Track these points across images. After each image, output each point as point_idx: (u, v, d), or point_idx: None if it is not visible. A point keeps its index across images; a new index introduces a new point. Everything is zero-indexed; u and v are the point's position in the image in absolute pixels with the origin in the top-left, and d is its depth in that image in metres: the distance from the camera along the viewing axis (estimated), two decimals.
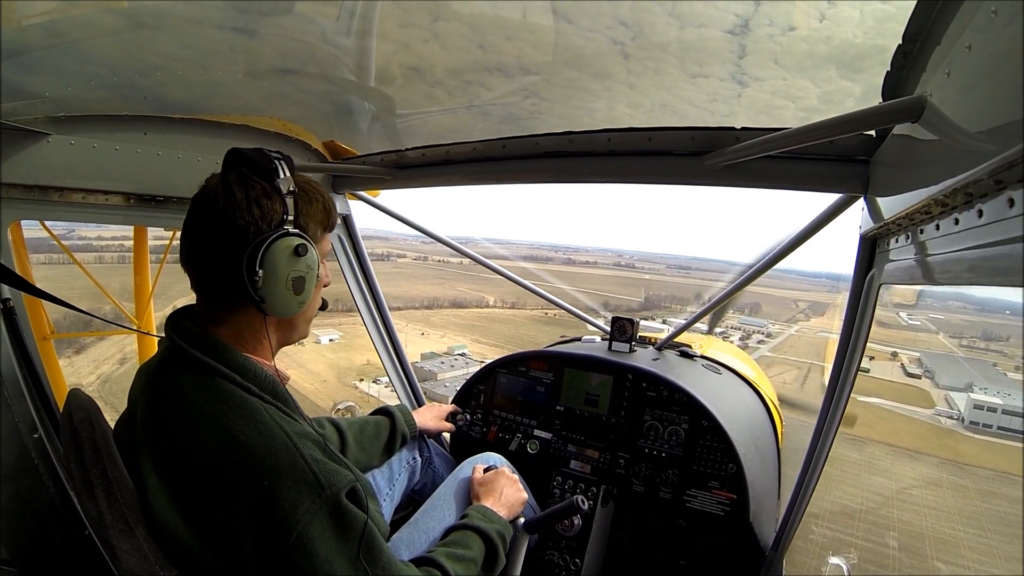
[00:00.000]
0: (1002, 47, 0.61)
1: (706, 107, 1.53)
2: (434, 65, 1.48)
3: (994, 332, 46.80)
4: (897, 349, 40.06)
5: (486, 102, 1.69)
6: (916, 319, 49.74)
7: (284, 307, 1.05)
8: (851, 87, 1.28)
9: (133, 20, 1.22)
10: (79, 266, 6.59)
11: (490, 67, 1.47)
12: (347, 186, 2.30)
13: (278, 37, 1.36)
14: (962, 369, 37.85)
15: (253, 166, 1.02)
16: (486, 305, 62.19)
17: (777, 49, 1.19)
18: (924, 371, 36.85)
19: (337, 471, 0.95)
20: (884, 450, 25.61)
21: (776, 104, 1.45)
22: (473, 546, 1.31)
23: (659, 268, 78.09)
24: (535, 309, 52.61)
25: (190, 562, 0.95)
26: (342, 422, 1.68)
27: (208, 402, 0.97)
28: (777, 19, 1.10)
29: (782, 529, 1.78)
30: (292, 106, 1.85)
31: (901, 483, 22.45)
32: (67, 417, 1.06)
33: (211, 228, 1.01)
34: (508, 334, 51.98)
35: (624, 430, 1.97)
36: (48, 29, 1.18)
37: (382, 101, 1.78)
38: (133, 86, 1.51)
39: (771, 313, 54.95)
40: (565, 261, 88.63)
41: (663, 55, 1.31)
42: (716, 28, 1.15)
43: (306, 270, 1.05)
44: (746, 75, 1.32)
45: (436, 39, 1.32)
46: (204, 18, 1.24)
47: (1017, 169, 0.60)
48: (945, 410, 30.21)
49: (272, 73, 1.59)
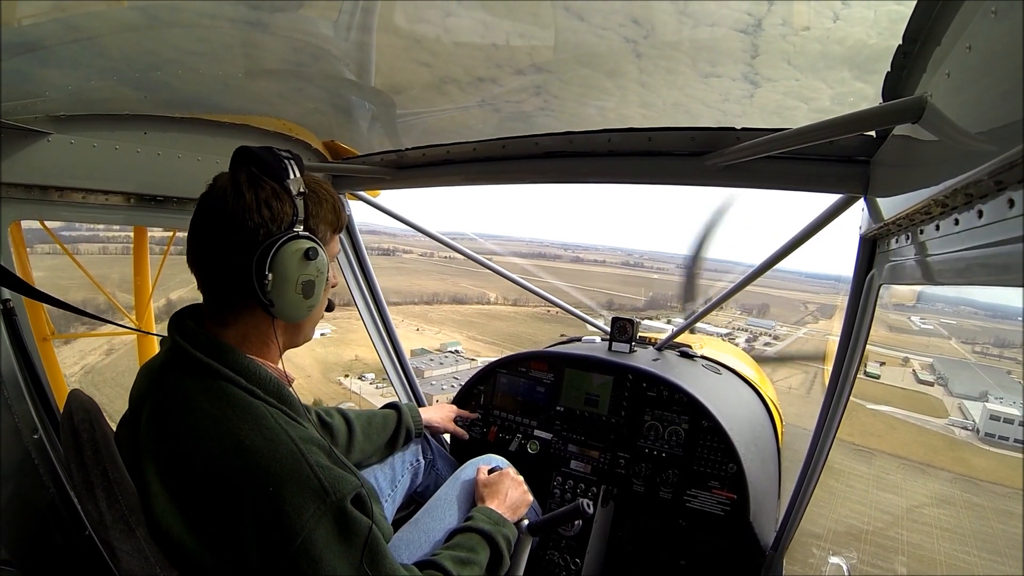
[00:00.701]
0: (1002, 47, 0.61)
1: (718, 107, 1.51)
2: (439, 64, 1.47)
3: (1007, 338, 45.12)
4: (910, 355, 38.61)
5: (495, 96, 1.67)
6: (928, 323, 48.05)
7: (294, 311, 1.03)
8: (865, 89, 1.26)
9: (133, 20, 1.22)
10: (79, 267, 6.58)
11: (501, 63, 1.44)
12: (347, 186, 2.30)
13: (278, 36, 1.36)
14: (976, 377, 36.22)
15: (263, 166, 1.00)
16: (487, 302, 61.28)
17: (790, 49, 1.18)
18: (937, 378, 34.96)
19: (343, 477, 0.95)
20: (894, 463, 24.22)
21: (788, 105, 1.43)
22: (478, 549, 1.29)
23: (668, 268, 77.71)
24: (537, 306, 51.85)
25: (191, 565, 0.94)
26: (351, 413, 1.69)
27: (212, 405, 0.96)
28: (790, 19, 1.09)
29: (782, 529, 1.79)
30: (292, 106, 1.85)
31: (912, 500, 21.05)
32: (67, 418, 1.05)
33: (219, 229, 0.99)
34: (506, 332, 51.29)
35: (624, 430, 1.97)
36: (48, 29, 1.18)
37: (382, 101, 1.78)
38: (133, 85, 1.51)
39: (779, 315, 53.65)
40: (573, 259, 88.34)
41: (675, 54, 1.29)
42: (728, 27, 1.14)
43: (316, 274, 1.03)
44: (758, 75, 1.30)
45: (447, 34, 1.31)
46: (204, 18, 1.24)
47: (1017, 170, 0.60)
48: (959, 420, 28.55)
49: (272, 72, 1.59)
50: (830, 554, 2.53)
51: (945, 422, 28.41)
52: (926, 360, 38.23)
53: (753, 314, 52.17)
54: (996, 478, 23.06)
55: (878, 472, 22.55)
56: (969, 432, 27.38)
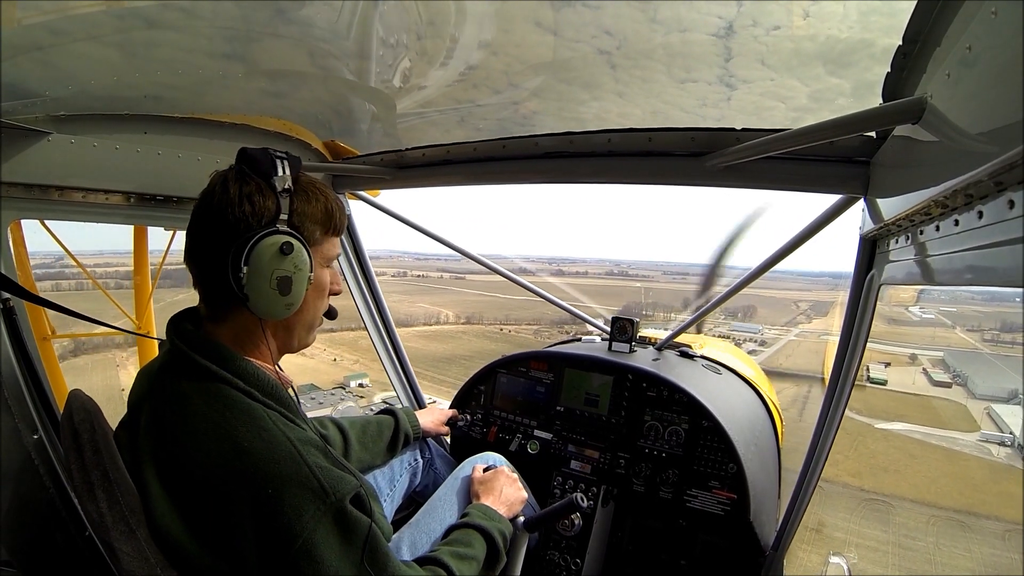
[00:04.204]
0: (1002, 47, 0.61)
1: (696, 112, 1.53)
2: (440, 63, 1.48)
3: (1013, 321, 38.14)
4: (916, 350, 32.59)
5: (481, 107, 1.71)
6: (929, 312, 41.36)
7: (269, 307, 1.02)
8: (841, 84, 1.27)
9: (133, 20, 1.22)
10: (80, 268, 6.59)
11: (477, 83, 1.48)
12: (347, 186, 2.30)
13: (279, 36, 1.36)
14: (997, 371, 29.05)
15: (252, 163, 1.02)
16: (436, 322, 57.83)
17: (763, 49, 1.19)
18: (953, 376, 28.44)
19: (342, 477, 0.95)
20: (922, 516, 16.25)
21: (766, 105, 1.44)
22: (475, 544, 1.31)
23: (654, 276, 76.31)
24: (491, 324, 49.29)
25: (192, 567, 0.94)
26: (344, 422, 1.68)
27: (210, 408, 0.96)
28: (761, 19, 1.10)
29: (782, 529, 1.79)
30: (292, 105, 1.85)
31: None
32: (67, 418, 1.05)
33: (206, 223, 1.00)
34: (439, 354, 46.44)
35: (624, 430, 1.97)
36: (48, 29, 1.18)
37: (382, 101, 1.78)
38: (133, 85, 1.51)
39: (767, 317, 48.48)
40: (555, 272, 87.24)
41: (649, 62, 1.31)
42: (700, 32, 1.15)
43: (293, 270, 1.01)
44: (734, 77, 1.31)
45: (447, 34, 1.32)
46: (205, 18, 1.24)
47: (1017, 171, 0.60)
48: (994, 434, 21.43)
49: (272, 73, 1.59)
50: (831, 553, 2.46)
51: (977, 438, 21.52)
52: (935, 355, 32.23)
53: (738, 317, 47.37)
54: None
55: (900, 537, 15.09)
56: (1011, 449, 20.33)
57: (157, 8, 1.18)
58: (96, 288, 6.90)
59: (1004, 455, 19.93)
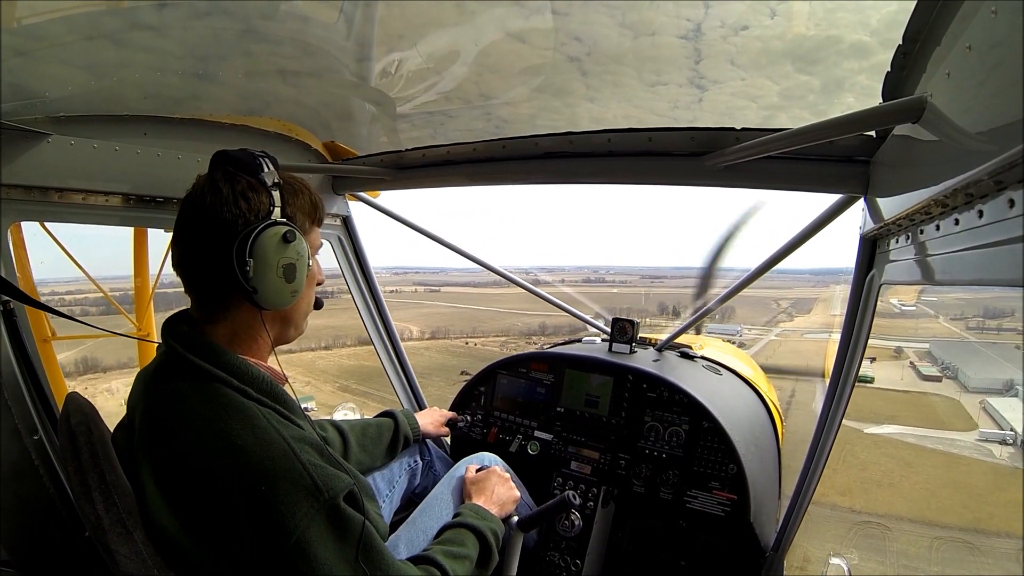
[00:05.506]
0: (1002, 47, 0.61)
1: (668, 115, 1.54)
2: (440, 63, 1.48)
3: (994, 306, 34.48)
4: (900, 343, 29.74)
5: (481, 107, 1.72)
6: (910, 303, 37.98)
7: (277, 297, 1.05)
8: (810, 81, 1.28)
9: (133, 20, 1.23)
10: (81, 269, 6.57)
11: (450, 96, 1.51)
12: (347, 187, 2.30)
13: (279, 37, 1.36)
14: (987, 360, 26.58)
15: (237, 163, 1.04)
16: (400, 339, 56.21)
17: (732, 50, 1.20)
18: (943, 368, 26.03)
19: (335, 475, 0.95)
20: (925, 538, 14.42)
21: (738, 105, 1.45)
22: (468, 543, 1.32)
23: (631, 280, 75.01)
24: (457, 338, 47.69)
25: (188, 566, 0.95)
26: (344, 424, 1.69)
27: (204, 407, 0.97)
28: (728, 20, 1.11)
29: (783, 529, 1.78)
30: (292, 106, 1.85)
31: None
32: (64, 420, 1.06)
33: (200, 225, 1.02)
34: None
35: (624, 431, 1.97)
36: (48, 29, 1.18)
37: (382, 101, 1.78)
38: (133, 86, 1.51)
39: (746, 317, 44.67)
40: (532, 282, 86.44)
41: (620, 67, 1.32)
42: (669, 34, 1.16)
43: (296, 257, 1.05)
44: (704, 79, 1.33)
45: (447, 33, 1.33)
46: (205, 18, 1.25)
47: (1017, 170, 0.60)
48: (994, 432, 19.29)
49: (272, 73, 1.59)
50: (831, 554, 2.42)
51: (976, 437, 19.35)
52: (921, 347, 29.67)
53: (716, 319, 47.44)
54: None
55: (900, 568, 13.41)
56: (1013, 449, 18.34)
57: (157, 9, 1.18)
58: (96, 289, 6.88)
59: (1007, 455, 18.10)
